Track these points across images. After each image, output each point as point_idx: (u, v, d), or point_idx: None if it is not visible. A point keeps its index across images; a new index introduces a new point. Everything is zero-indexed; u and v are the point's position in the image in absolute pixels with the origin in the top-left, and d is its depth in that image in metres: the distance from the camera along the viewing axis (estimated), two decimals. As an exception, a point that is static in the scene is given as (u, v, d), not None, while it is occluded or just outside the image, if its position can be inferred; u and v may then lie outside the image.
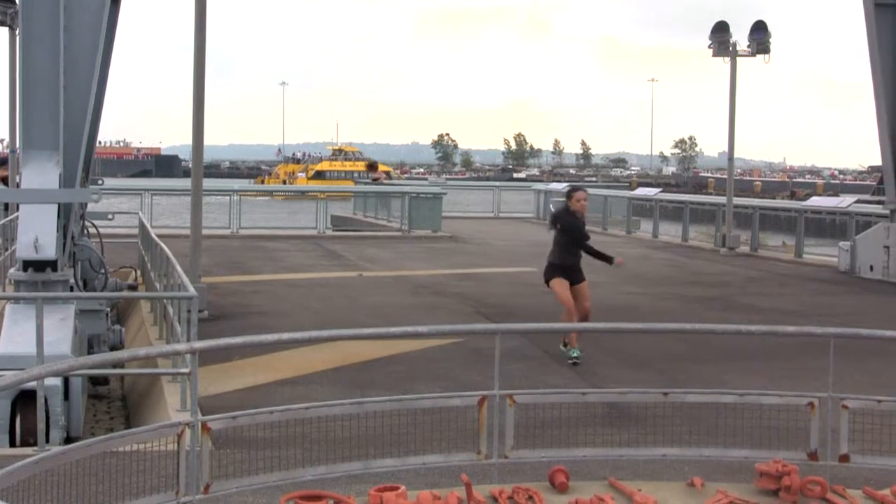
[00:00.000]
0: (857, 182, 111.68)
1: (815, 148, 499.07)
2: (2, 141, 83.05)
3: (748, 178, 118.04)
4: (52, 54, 12.70)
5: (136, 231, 23.67)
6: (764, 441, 7.49)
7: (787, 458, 7.20)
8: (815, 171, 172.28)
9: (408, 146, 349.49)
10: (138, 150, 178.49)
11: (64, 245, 12.97)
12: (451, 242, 30.69)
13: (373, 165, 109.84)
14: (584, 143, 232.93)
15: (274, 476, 6.70)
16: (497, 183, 61.32)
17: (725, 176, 31.18)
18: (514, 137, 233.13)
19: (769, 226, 32.47)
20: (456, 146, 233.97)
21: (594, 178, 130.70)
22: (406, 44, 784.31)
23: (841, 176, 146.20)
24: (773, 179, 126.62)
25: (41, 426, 9.16)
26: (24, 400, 10.10)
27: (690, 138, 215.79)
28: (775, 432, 7.46)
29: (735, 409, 7.66)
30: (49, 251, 12.29)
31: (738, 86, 28.31)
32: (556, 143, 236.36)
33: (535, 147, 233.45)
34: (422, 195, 35.13)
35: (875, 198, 26.48)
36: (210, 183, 35.67)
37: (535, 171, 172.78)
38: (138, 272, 21.24)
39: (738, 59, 28.10)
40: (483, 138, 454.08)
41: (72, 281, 13.46)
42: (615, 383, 10.98)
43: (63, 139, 12.70)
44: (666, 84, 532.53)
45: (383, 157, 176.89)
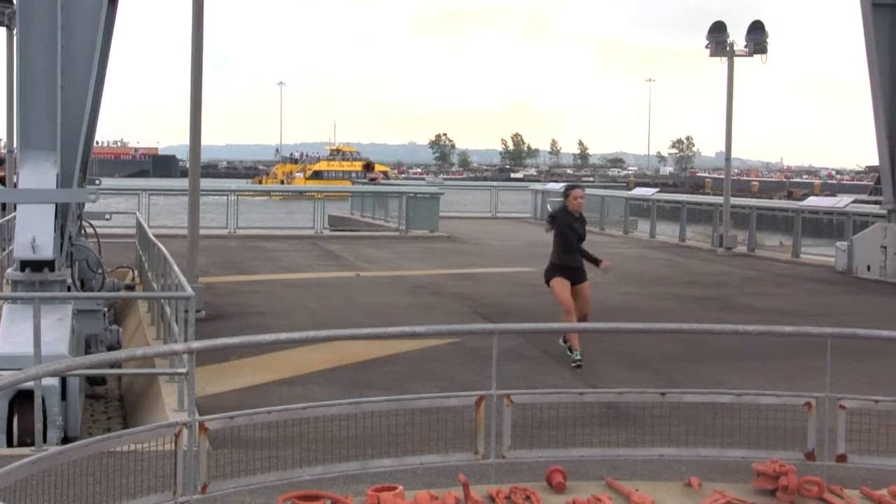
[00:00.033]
0: (855, 182, 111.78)
1: (813, 148, 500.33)
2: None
3: (745, 178, 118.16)
4: (50, 54, 12.69)
5: (133, 231, 23.68)
6: (761, 441, 7.49)
7: (784, 458, 7.20)
8: (812, 171, 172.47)
9: (405, 146, 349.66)
10: (136, 150, 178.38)
11: (61, 245, 12.97)
12: (449, 242, 30.69)
13: (369, 165, 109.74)
14: (581, 143, 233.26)
15: (271, 476, 6.70)
16: (494, 183, 61.38)
17: (722, 176, 31.20)
18: (512, 137, 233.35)
19: (766, 226, 32.51)
20: (453, 146, 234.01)
21: (591, 178, 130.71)
22: (404, 44, 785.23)
23: (838, 176, 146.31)
24: (770, 179, 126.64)
25: (38, 426, 9.16)
26: (22, 400, 10.10)
27: (688, 138, 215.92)
28: (772, 432, 7.47)
29: (732, 409, 7.66)
30: (46, 251, 12.29)
31: (735, 86, 28.34)
32: (553, 143, 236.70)
33: (533, 147, 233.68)
34: (419, 195, 35.13)
35: (872, 198, 26.59)
36: (207, 183, 35.61)
37: (533, 171, 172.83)
38: (136, 272, 21.26)
39: (735, 59, 28.11)
40: (480, 138, 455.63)
41: (69, 281, 13.45)
42: (613, 383, 10.98)
43: (60, 139, 12.69)
44: (664, 84, 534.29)
45: (381, 157, 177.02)
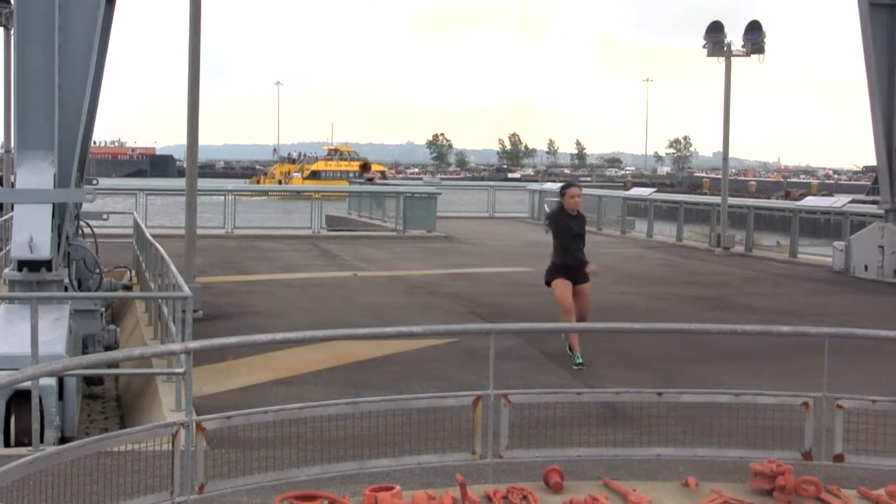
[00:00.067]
0: (852, 182, 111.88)
1: (810, 148, 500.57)
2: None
3: (743, 177, 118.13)
4: (47, 54, 12.69)
5: (130, 231, 23.68)
6: (758, 441, 7.49)
7: (781, 458, 7.20)
8: (809, 171, 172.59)
9: (402, 146, 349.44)
10: (133, 150, 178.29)
11: (59, 245, 12.97)
12: (446, 242, 30.68)
13: (366, 166, 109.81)
14: (578, 143, 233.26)
15: (269, 476, 6.69)
16: (492, 183, 61.46)
17: (720, 176, 31.20)
18: (509, 137, 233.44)
19: (764, 226, 32.50)
20: (451, 146, 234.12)
21: (589, 178, 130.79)
22: (401, 44, 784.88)
23: (836, 176, 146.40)
24: (767, 179, 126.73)
25: (36, 426, 9.16)
26: (19, 400, 10.09)
27: (685, 138, 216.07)
28: (770, 432, 7.47)
29: (730, 409, 7.66)
30: (44, 251, 12.29)
31: (732, 86, 28.37)
32: (550, 142, 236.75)
33: (530, 147, 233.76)
34: (416, 195, 35.13)
35: (870, 198, 26.63)
36: (205, 183, 35.60)
37: (530, 171, 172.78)
38: (133, 272, 21.25)
39: (732, 59, 28.13)
40: (478, 138, 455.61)
41: (66, 281, 13.46)
42: (611, 383, 10.97)
43: (58, 139, 12.70)
44: (661, 84, 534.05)
45: (378, 156, 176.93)
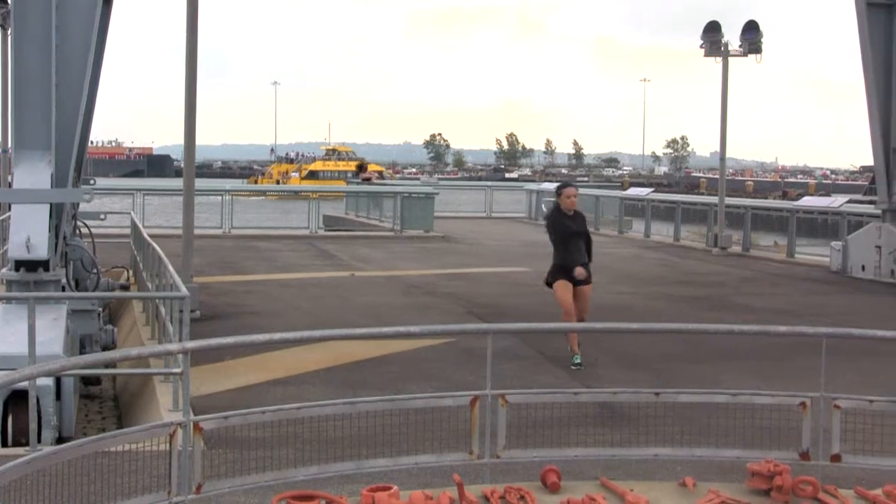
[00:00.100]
0: (849, 182, 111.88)
1: (808, 148, 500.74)
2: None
3: (740, 177, 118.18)
4: (44, 54, 12.68)
5: (128, 231, 23.68)
6: (756, 441, 7.49)
7: (778, 458, 7.20)
8: (807, 171, 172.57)
9: (400, 146, 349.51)
10: (130, 149, 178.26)
11: (56, 245, 12.96)
12: (443, 242, 30.68)
13: (362, 167, 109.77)
14: (576, 143, 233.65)
15: (266, 476, 6.69)
16: (489, 183, 61.51)
17: (717, 176, 31.19)
18: (507, 137, 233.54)
19: (761, 226, 32.52)
20: (448, 146, 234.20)
21: (586, 178, 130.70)
22: (398, 44, 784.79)
23: (833, 176, 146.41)
24: (765, 179, 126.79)
25: (33, 426, 9.16)
26: (16, 400, 10.08)
27: (682, 138, 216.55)
28: (767, 432, 7.47)
29: (727, 409, 7.66)
30: (41, 251, 12.27)
31: (730, 86, 28.39)
32: (548, 142, 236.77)
33: (527, 147, 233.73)
34: (414, 195, 35.14)
35: (867, 198, 26.65)
36: (202, 183, 35.55)
37: (527, 171, 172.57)
38: (130, 272, 21.24)
39: (729, 58, 28.16)
40: (475, 138, 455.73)
41: (64, 281, 13.45)
42: (609, 383, 10.96)
43: (55, 139, 12.68)
44: (658, 84, 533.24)
45: (375, 156, 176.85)
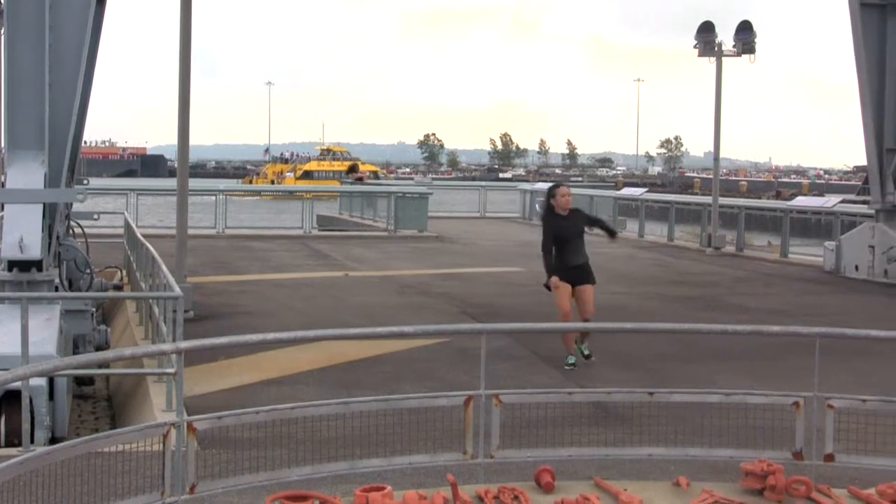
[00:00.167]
0: (843, 182, 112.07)
1: (801, 148, 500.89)
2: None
3: (734, 177, 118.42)
4: (38, 53, 12.65)
5: (121, 231, 23.65)
6: (749, 440, 7.50)
7: (772, 458, 7.20)
8: (800, 171, 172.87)
9: (394, 146, 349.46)
10: (124, 149, 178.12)
11: (49, 245, 12.93)
12: (437, 242, 30.68)
13: (353, 167, 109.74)
14: (569, 143, 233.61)
15: (260, 476, 6.68)
16: (483, 183, 61.49)
17: (711, 176, 31.27)
18: (500, 137, 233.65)
19: (755, 226, 32.57)
20: (442, 146, 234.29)
21: (580, 178, 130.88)
22: (392, 44, 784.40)
23: (826, 176, 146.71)
24: (758, 179, 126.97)
25: (26, 426, 9.14)
26: (9, 400, 10.05)
27: (676, 138, 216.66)
28: (761, 432, 7.47)
29: (721, 409, 7.66)
30: (34, 251, 12.25)
31: (723, 86, 28.41)
32: (541, 142, 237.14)
33: (521, 147, 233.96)
34: (408, 195, 35.12)
35: (860, 198, 26.68)
36: (196, 183, 35.54)
37: (521, 171, 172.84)
38: (124, 272, 21.22)
39: (723, 59, 28.18)
40: (469, 138, 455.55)
41: (57, 281, 13.41)
42: (603, 383, 10.95)
43: (48, 139, 12.66)
44: (652, 84, 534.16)
45: (370, 156, 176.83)
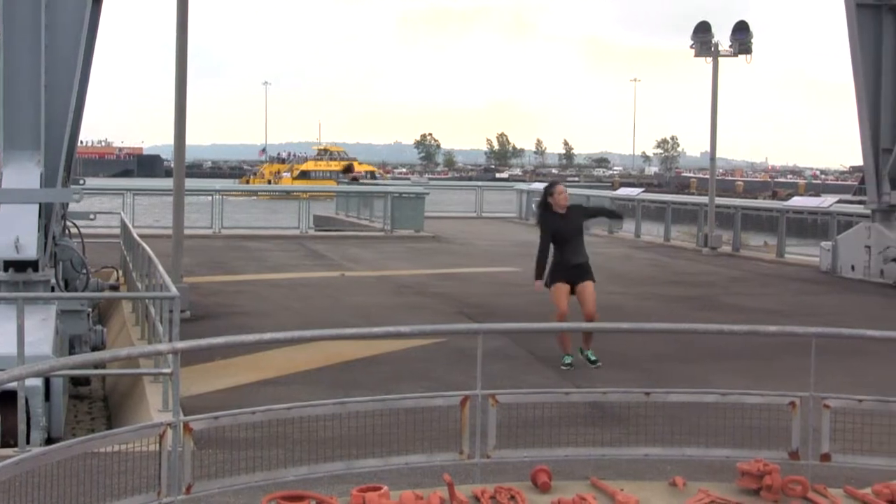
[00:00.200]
0: (839, 182, 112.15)
1: (797, 148, 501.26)
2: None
3: (730, 178, 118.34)
4: (34, 53, 12.64)
5: (117, 231, 23.63)
6: (746, 440, 7.50)
7: (768, 458, 7.21)
8: (796, 171, 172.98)
9: (390, 146, 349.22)
10: (120, 149, 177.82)
11: (45, 245, 12.92)
12: (434, 242, 30.68)
13: (349, 167, 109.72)
14: (566, 143, 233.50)
15: (256, 476, 6.68)
16: (479, 183, 61.54)
17: (707, 176, 31.25)
18: (497, 137, 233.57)
19: (751, 226, 32.56)
20: (439, 146, 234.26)
21: (577, 178, 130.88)
22: (389, 44, 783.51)
23: (823, 176, 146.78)
24: (755, 179, 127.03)
25: (22, 427, 9.14)
26: (5, 401, 10.02)
27: (673, 138, 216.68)
28: (757, 432, 7.48)
29: (717, 409, 7.67)
30: (30, 251, 12.24)
31: (720, 86, 28.44)
32: (538, 142, 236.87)
33: (518, 147, 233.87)
34: (404, 195, 35.12)
35: (856, 198, 26.70)
36: (192, 183, 35.52)
37: (518, 171, 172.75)
38: (120, 272, 21.19)
39: (720, 59, 28.20)
40: (466, 138, 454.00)
41: (53, 281, 13.40)
42: (599, 383, 10.94)
43: (44, 138, 12.65)
44: (649, 84, 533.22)
45: (366, 156, 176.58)
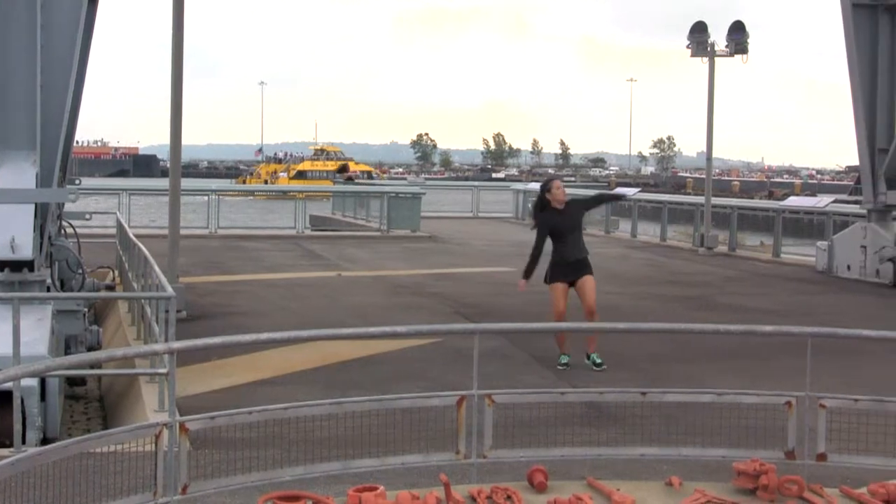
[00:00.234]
0: (835, 182, 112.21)
1: (794, 148, 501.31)
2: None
3: (726, 177, 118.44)
4: (30, 52, 12.62)
5: (113, 231, 23.61)
6: (742, 440, 7.50)
7: (764, 458, 7.21)
8: (792, 171, 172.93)
9: (387, 146, 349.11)
10: (116, 149, 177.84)
11: (41, 245, 12.90)
12: (430, 242, 30.68)
13: (344, 167, 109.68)
14: (562, 143, 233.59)
15: (252, 476, 6.67)
16: (476, 183, 61.62)
17: (704, 176, 31.28)
18: (493, 137, 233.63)
19: (747, 225, 32.59)
20: (435, 146, 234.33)
21: (573, 178, 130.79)
22: (386, 44, 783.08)
23: (819, 176, 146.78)
24: (751, 179, 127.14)
25: (17, 427, 9.12)
26: (0, 401, 10.03)
27: (669, 138, 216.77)
28: (753, 431, 7.48)
29: (713, 409, 7.66)
30: (26, 251, 12.22)
31: (716, 86, 28.44)
32: (534, 142, 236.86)
33: (514, 147, 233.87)
34: (401, 195, 35.12)
35: (852, 198, 26.63)
36: (188, 183, 35.52)
37: (514, 171, 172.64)
38: (116, 272, 21.17)
39: (716, 59, 28.21)
40: (462, 138, 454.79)
41: (49, 281, 13.38)
42: (595, 383, 10.98)
43: (40, 138, 12.63)
44: (645, 84, 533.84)
45: (362, 156, 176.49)
